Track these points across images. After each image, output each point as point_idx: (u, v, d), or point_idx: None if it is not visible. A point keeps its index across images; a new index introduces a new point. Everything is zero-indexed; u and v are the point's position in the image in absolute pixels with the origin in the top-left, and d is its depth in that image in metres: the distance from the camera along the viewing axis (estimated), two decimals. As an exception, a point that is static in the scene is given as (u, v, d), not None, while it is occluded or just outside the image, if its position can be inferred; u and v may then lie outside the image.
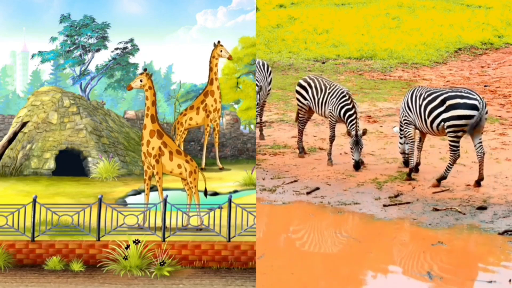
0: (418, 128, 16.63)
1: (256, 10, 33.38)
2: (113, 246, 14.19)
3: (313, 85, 18.26)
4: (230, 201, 14.49)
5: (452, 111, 15.80)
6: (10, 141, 22.84)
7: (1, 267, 14.07)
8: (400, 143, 17.36)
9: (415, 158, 16.93)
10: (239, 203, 14.68)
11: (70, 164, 22.19)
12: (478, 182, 16.03)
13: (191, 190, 15.68)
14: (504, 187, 16.01)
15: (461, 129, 15.82)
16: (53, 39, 28.18)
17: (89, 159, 22.31)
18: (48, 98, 23.58)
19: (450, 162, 16.06)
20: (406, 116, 16.73)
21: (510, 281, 12.15)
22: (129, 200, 18.32)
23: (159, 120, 16.53)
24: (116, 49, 28.67)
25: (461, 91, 15.97)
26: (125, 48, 28.75)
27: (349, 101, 17.57)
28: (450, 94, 15.96)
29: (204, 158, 22.79)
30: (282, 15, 32.92)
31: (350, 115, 17.49)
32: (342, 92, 17.70)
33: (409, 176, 16.66)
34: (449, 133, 15.93)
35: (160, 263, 13.87)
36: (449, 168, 16.07)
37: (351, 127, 17.39)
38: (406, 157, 17.25)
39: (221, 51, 21.97)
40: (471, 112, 15.68)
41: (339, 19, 31.91)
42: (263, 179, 17.13)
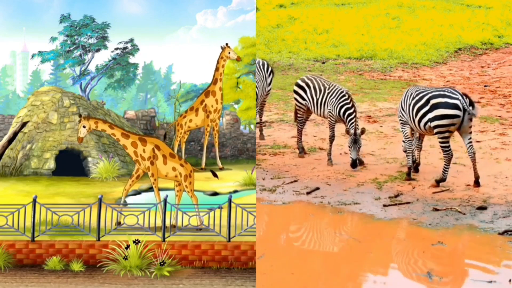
0: (412, 128, 16.63)
1: (256, 10, 33.38)
2: (113, 246, 14.19)
3: (312, 85, 18.27)
4: (230, 201, 14.49)
5: (435, 111, 15.79)
6: (10, 141, 22.85)
7: (1, 267, 14.07)
8: (403, 141, 17.30)
9: (413, 157, 16.92)
10: (239, 203, 14.69)
11: (70, 164, 22.20)
12: (476, 181, 16.02)
13: (188, 193, 15.70)
14: (504, 187, 16.01)
15: (446, 129, 15.79)
16: (53, 39, 28.18)
17: (89, 159, 22.32)
18: (48, 98, 23.58)
19: (445, 162, 16.05)
20: (401, 116, 16.76)
21: (510, 281, 12.15)
22: (129, 200, 18.31)
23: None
24: (116, 49, 28.68)
25: (444, 91, 15.93)
26: (125, 48, 28.75)
27: (348, 101, 17.59)
28: (434, 93, 15.95)
29: (204, 158, 22.79)
30: (282, 15, 32.92)
31: (349, 114, 17.51)
32: (342, 92, 17.72)
33: (408, 175, 16.65)
34: (436, 133, 15.93)
35: (160, 263, 13.87)
36: (446, 169, 16.05)
37: (350, 126, 17.41)
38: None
39: (229, 52, 21.98)
40: (453, 111, 15.64)
41: (339, 19, 31.90)
42: (263, 179, 17.13)
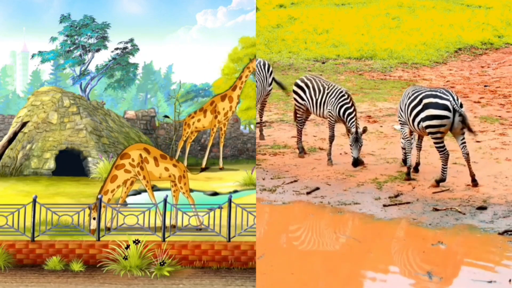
0: (409, 128, 16.62)
1: (256, 10, 33.39)
2: (113, 246, 14.19)
3: (311, 85, 18.27)
4: (230, 201, 14.49)
5: (426, 111, 15.79)
6: (10, 141, 22.86)
7: (1, 267, 14.07)
8: (402, 138, 17.28)
9: (413, 157, 16.93)
10: (239, 203, 14.69)
11: (70, 164, 22.20)
12: (473, 181, 16.00)
13: (183, 194, 15.72)
14: (504, 187, 16.01)
15: (437, 130, 15.77)
16: (53, 39, 28.18)
17: (89, 159, 22.32)
18: (48, 98, 23.58)
19: (442, 162, 16.03)
20: (400, 116, 16.77)
21: (510, 281, 12.15)
22: (129, 200, 18.31)
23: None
24: (116, 49, 28.68)
25: (436, 91, 15.93)
26: (125, 48, 28.75)
27: (348, 100, 17.60)
28: (426, 93, 15.94)
29: (206, 159, 22.81)
30: (282, 15, 32.91)
31: (349, 114, 17.52)
32: (341, 92, 17.73)
33: (408, 175, 16.65)
34: (428, 134, 15.93)
35: (160, 263, 13.87)
36: (445, 169, 16.04)
37: (351, 125, 17.41)
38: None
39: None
40: (443, 112, 15.61)
41: (339, 19, 31.90)
42: (263, 179, 17.13)
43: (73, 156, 22.58)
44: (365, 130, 17.38)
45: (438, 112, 15.62)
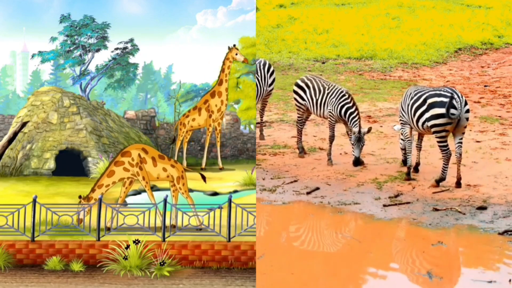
0: (412, 128, 16.62)
1: (256, 10, 33.39)
2: (113, 246, 14.19)
3: (311, 85, 18.27)
4: (230, 201, 14.49)
5: (431, 110, 15.80)
6: (10, 141, 22.85)
7: (1, 267, 14.07)
8: (401, 139, 17.30)
9: (413, 157, 16.94)
10: (239, 203, 14.68)
11: (70, 164, 22.19)
12: (457, 182, 15.97)
13: (182, 194, 15.71)
14: (504, 187, 16.01)
15: (443, 129, 15.78)
16: (53, 39, 28.17)
17: (89, 159, 22.32)
18: (48, 98, 23.58)
19: (444, 162, 16.04)
20: (401, 116, 16.77)
21: (510, 281, 12.15)
22: (129, 200, 18.31)
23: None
24: (116, 49, 28.66)
25: (441, 90, 15.93)
26: (125, 48, 28.74)
27: (349, 100, 17.59)
28: (430, 93, 15.96)
29: (205, 158, 22.80)
30: (282, 15, 32.92)
31: (351, 113, 17.51)
32: (342, 92, 17.72)
33: (408, 175, 16.65)
34: (433, 133, 15.94)
35: (160, 263, 13.87)
36: (445, 168, 16.04)
37: (354, 125, 17.40)
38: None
39: (236, 54, 22.01)
40: (449, 110, 15.59)
41: (339, 19, 31.91)
42: (263, 179, 17.13)
43: (73, 156, 22.58)
44: (369, 130, 17.39)
45: (444, 111, 15.61)
